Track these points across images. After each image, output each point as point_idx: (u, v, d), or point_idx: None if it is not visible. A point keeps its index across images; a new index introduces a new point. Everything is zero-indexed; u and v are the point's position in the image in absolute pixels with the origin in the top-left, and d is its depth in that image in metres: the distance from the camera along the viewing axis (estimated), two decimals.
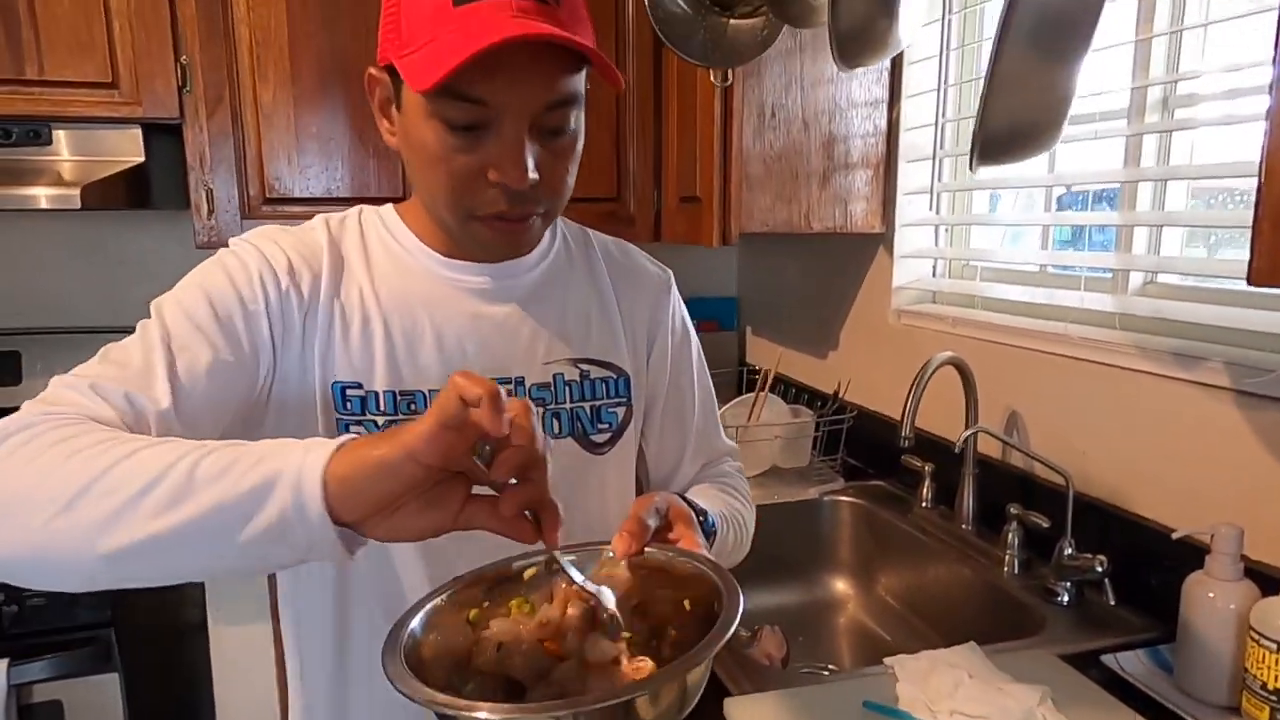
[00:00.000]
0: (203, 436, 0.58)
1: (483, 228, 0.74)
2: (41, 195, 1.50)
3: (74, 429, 0.57)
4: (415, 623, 0.59)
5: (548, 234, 0.87)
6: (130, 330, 0.69)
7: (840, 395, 1.69)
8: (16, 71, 1.52)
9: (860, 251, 1.77)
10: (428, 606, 0.61)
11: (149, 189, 1.67)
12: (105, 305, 1.95)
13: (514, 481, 0.54)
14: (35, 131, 1.57)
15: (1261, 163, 0.65)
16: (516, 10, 0.65)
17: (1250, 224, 1.10)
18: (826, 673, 1.32)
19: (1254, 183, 1.10)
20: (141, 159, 1.63)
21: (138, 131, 1.62)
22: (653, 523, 0.68)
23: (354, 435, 0.55)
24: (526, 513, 0.56)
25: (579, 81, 0.72)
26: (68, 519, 0.52)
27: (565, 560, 0.60)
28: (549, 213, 0.77)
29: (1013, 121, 0.83)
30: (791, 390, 1.91)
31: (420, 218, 0.82)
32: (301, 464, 0.51)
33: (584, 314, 0.86)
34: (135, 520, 0.51)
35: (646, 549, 0.65)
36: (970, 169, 0.90)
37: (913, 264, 1.68)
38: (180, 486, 0.51)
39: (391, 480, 0.50)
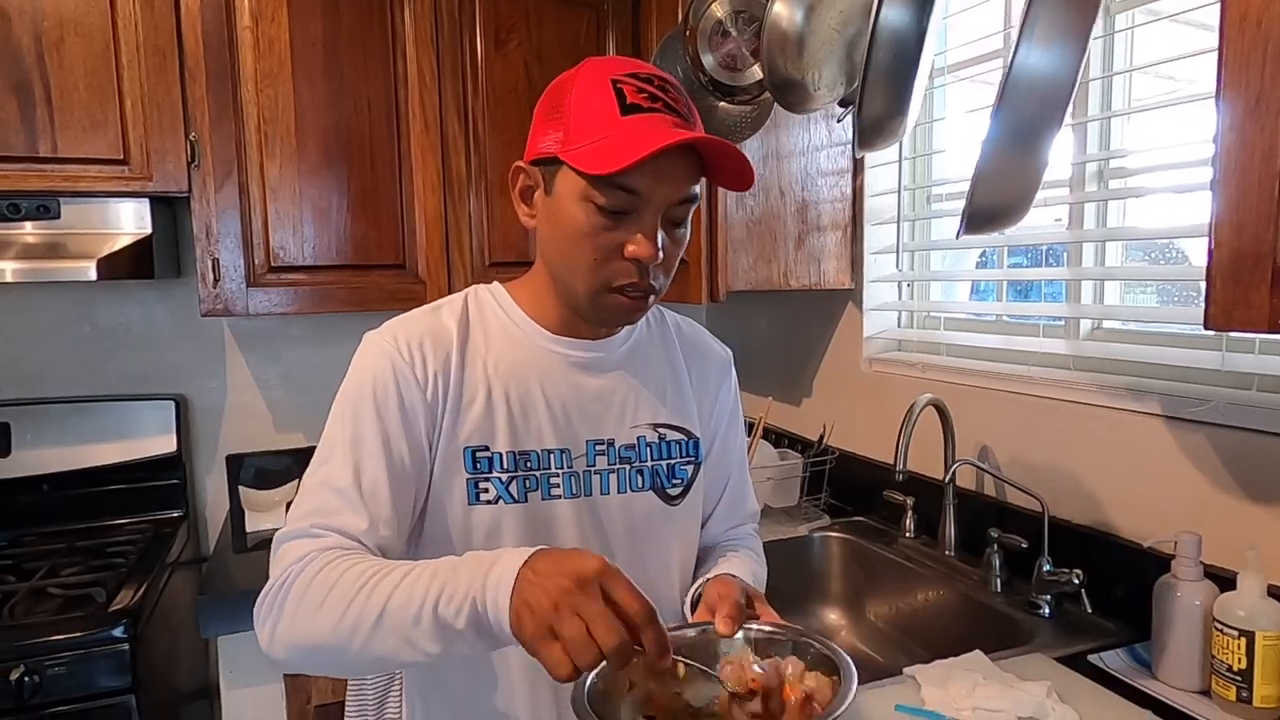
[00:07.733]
0: (403, 529, 0.83)
1: (614, 299, 0.84)
2: (58, 268, 1.53)
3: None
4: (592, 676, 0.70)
5: None
6: (112, 398, 0.76)
7: (825, 439, 1.83)
8: (30, 149, 1.57)
9: (830, 306, 1.93)
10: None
11: (151, 259, 1.72)
12: (89, 375, 1.95)
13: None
14: (44, 206, 1.61)
15: (1211, 228, 0.77)
16: (674, 124, 0.79)
17: (1181, 278, 1.29)
18: None
19: (1180, 242, 1.30)
20: (149, 231, 1.68)
21: (145, 205, 1.68)
22: (743, 603, 0.83)
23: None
24: None
25: (701, 186, 0.85)
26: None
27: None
28: (659, 293, 0.87)
29: (994, 201, 0.99)
30: (771, 435, 2.04)
31: (531, 296, 0.93)
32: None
33: (662, 384, 0.98)
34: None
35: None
36: (956, 236, 1.06)
37: (880, 316, 1.85)
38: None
39: None
